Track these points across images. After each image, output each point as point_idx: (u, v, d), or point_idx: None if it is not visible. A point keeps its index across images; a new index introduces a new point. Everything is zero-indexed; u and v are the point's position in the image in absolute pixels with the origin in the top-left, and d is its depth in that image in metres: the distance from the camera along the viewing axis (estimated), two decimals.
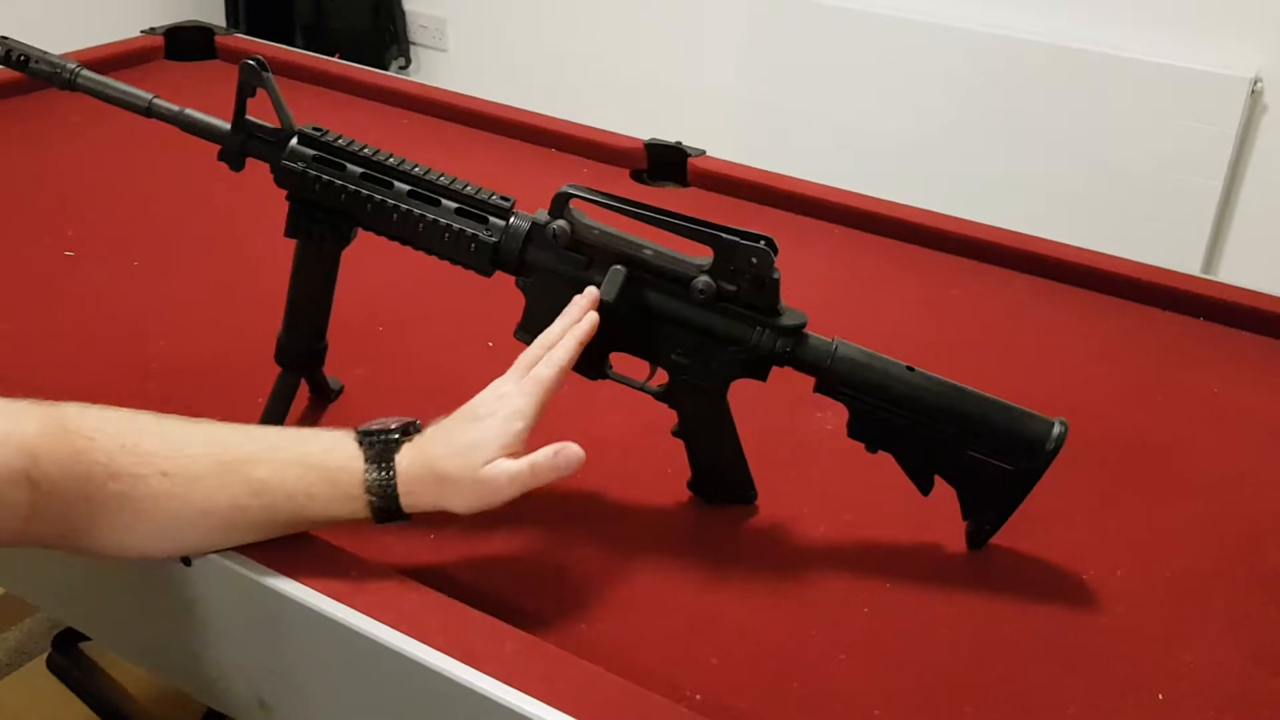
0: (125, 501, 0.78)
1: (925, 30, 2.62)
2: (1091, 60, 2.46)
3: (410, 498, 0.80)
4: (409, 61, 3.57)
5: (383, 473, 0.79)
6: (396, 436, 0.81)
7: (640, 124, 1.74)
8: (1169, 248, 2.40)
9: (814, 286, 1.04)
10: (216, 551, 0.82)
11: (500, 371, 1.11)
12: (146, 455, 0.79)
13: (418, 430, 0.83)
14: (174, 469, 0.78)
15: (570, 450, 0.80)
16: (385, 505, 0.80)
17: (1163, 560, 0.95)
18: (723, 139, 1.81)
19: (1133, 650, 0.85)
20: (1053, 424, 0.89)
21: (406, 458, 0.80)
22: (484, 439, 0.80)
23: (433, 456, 0.80)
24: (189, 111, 0.95)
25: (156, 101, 0.95)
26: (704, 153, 1.62)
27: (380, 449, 0.80)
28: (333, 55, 1.97)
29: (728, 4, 2.92)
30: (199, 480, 0.79)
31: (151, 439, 0.80)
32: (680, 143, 1.62)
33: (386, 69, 3.43)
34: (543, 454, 0.81)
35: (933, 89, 2.66)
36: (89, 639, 1.57)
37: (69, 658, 1.55)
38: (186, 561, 0.83)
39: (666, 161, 1.62)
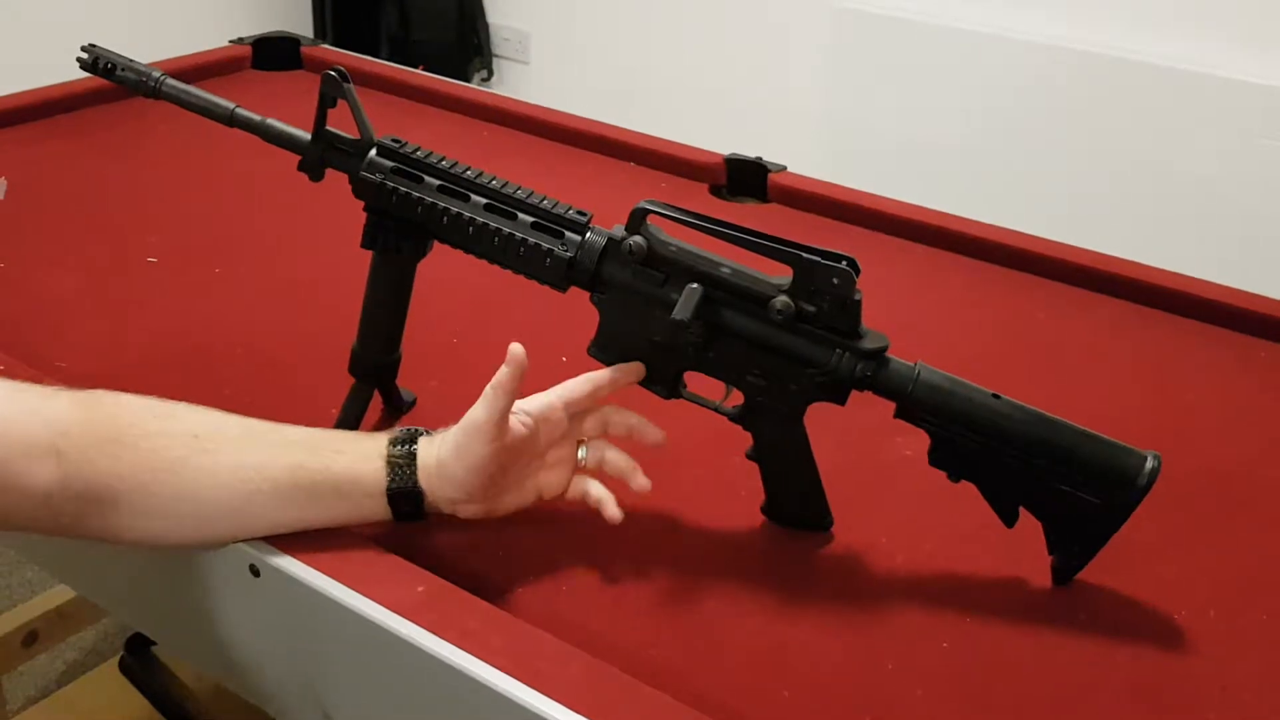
0: (154, 464, 0.80)
1: (1015, 48, 2.58)
2: (1198, 82, 2.40)
3: (424, 456, 0.85)
4: (491, 74, 3.59)
5: (405, 446, 0.85)
6: (424, 430, 0.88)
7: (720, 139, 1.73)
8: (1268, 275, 2.33)
9: (894, 307, 1.02)
10: (247, 540, 0.83)
11: None
12: (179, 421, 0.83)
13: None
14: (205, 431, 0.82)
15: (511, 351, 0.85)
16: (405, 466, 0.84)
17: (1257, 602, 0.91)
18: (803, 155, 1.79)
19: (1223, 697, 0.81)
20: (1145, 457, 0.85)
21: (427, 440, 0.86)
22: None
23: (439, 439, 0.86)
24: (270, 121, 0.96)
25: (239, 111, 0.96)
26: (785, 168, 1.60)
27: (407, 431, 0.87)
28: (416, 67, 1.99)
29: (810, 19, 2.89)
30: (229, 440, 0.83)
31: (186, 411, 0.84)
32: (761, 158, 1.60)
33: (469, 81, 3.46)
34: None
35: (1018, 107, 2.61)
36: None
37: (141, 660, 1.57)
38: (255, 572, 0.83)
39: (746, 177, 1.60)
